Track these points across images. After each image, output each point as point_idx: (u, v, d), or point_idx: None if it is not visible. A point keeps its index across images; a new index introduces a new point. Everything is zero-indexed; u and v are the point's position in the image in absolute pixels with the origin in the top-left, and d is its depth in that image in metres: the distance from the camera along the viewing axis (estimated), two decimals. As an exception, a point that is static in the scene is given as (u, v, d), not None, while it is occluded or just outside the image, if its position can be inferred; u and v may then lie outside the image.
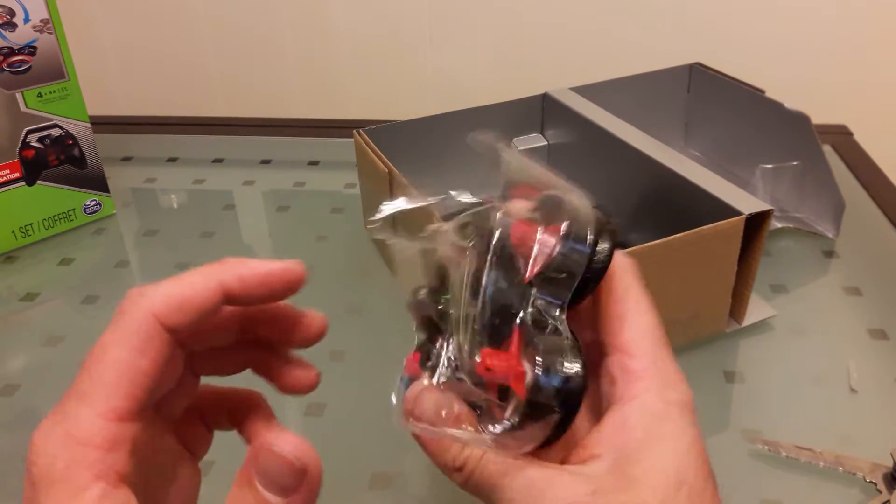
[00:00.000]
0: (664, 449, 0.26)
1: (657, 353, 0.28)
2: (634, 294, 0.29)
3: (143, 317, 0.24)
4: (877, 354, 0.55)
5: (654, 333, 0.29)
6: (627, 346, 0.28)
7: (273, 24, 1.04)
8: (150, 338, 0.24)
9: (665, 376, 0.28)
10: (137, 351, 0.24)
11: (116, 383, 0.23)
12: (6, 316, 0.63)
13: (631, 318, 0.29)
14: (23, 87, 0.66)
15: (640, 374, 0.28)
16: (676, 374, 0.28)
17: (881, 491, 0.44)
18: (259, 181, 0.82)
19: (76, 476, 0.22)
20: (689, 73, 0.77)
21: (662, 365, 0.28)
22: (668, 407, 0.27)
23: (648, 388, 0.27)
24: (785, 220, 0.68)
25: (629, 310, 0.29)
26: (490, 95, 0.70)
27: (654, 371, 0.28)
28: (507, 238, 0.28)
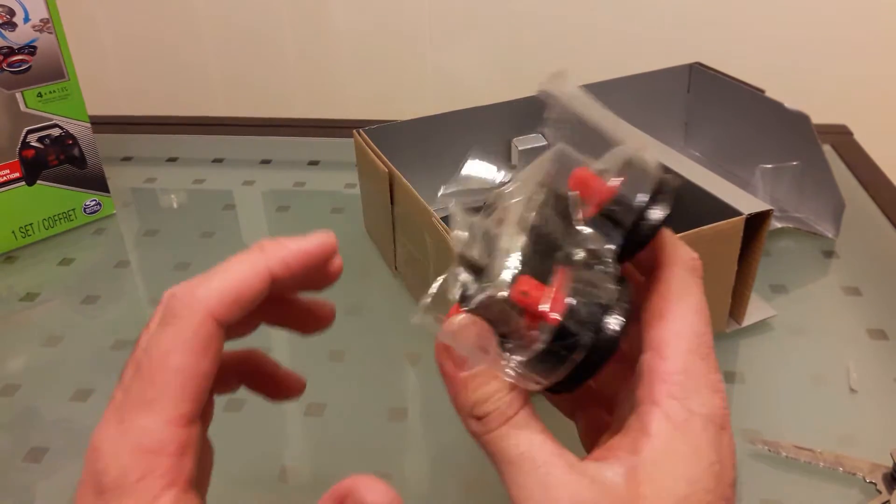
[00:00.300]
0: (678, 472, 0.25)
1: (692, 359, 0.27)
2: (686, 293, 0.28)
3: (202, 319, 0.24)
4: (877, 354, 0.55)
5: (695, 339, 0.27)
6: (661, 346, 0.27)
7: (273, 24, 1.04)
8: (210, 340, 0.24)
9: (694, 385, 0.26)
10: (199, 355, 0.24)
11: (182, 389, 0.23)
12: (6, 316, 0.63)
13: (673, 317, 0.27)
14: (23, 87, 0.66)
15: (666, 377, 0.26)
16: (709, 385, 0.26)
17: (881, 491, 0.44)
18: (259, 181, 0.82)
19: (150, 486, 0.22)
20: (689, 73, 0.77)
21: (695, 372, 0.26)
22: (691, 418, 0.26)
23: (673, 395, 0.26)
24: (785, 220, 0.68)
25: (674, 309, 0.27)
26: (490, 95, 0.70)
27: (682, 377, 0.26)
28: (566, 180, 0.27)
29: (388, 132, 0.65)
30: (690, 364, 0.27)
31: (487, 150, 0.73)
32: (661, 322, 0.27)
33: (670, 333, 0.27)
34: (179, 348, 0.24)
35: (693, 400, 0.26)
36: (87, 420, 0.52)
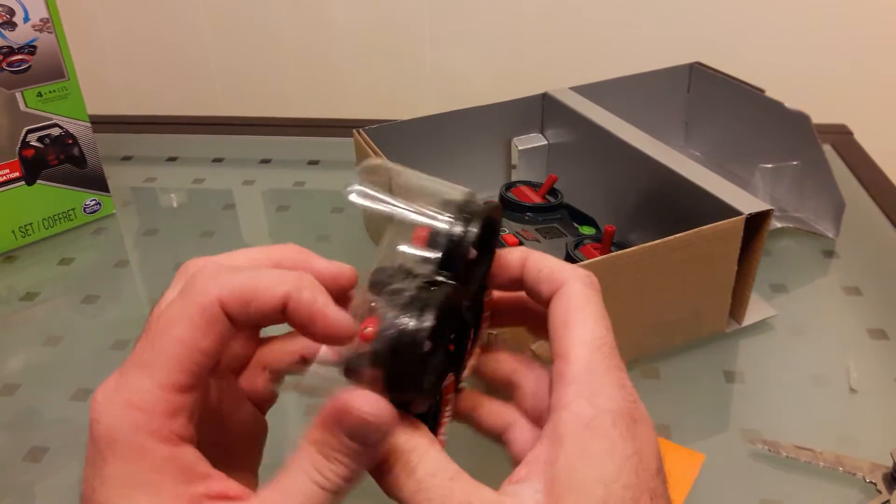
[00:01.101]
0: (595, 475, 0.25)
1: (595, 359, 0.27)
2: (585, 303, 0.29)
3: (210, 302, 0.25)
4: (877, 354, 0.55)
5: (597, 343, 0.28)
6: (566, 352, 0.28)
7: (273, 23, 1.04)
8: (214, 322, 0.25)
9: (600, 382, 0.27)
10: (200, 331, 0.25)
11: (177, 359, 0.24)
12: (6, 316, 0.63)
13: (575, 325, 0.28)
14: (22, 87, 0.66)
15: (571, 379, 0.27)
16: (614, 382, 0.27)
17: (881, 491, 0.44)
18: (259, 181, 0.82)
19: (141, 439, 0.24)
20: (689, 72, 0.77)
21: (599, 371, 0.27)
22: (600, 415, 0.26)
23: (579, 394, 0.27)
24: (785, 220, 0.68)
25: (575, 317, 0.29)
26: (490, 95, 0.70)
27: (587, 377, 0.27)
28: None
29: (388, 132, 0.65)
30: (594, 363, 0.27)
31: (487, 150, 0.73)
32: (564, 331, 0.28)
33: (573, 339, 0.28)
34: (184, 322, 0.25)
35: (600, 397, 0.27)
36: (87, 420, 0.51)
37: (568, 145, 0.71)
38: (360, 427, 0.25)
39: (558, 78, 0.74)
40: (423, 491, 0.26)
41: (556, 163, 0.72)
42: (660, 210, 0.60)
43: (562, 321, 0.29)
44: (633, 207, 0.63)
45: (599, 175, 0.66)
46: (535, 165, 0.73)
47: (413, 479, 0.26)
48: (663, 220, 0.57)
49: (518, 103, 0.71)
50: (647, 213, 0.61)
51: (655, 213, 0.60)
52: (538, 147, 0.72)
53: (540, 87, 0.72)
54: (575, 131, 0.69)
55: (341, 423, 0.25)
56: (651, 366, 0.54)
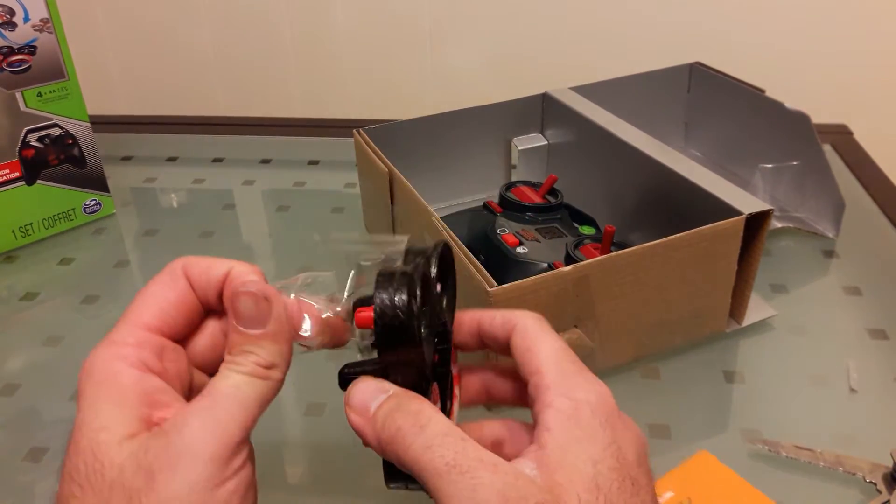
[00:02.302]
0: (582, 454, 0.28)
1: (564, 365, 0.31)
2: (540, 331, 0.32)
3: (175, 266, 0.32)
4: (877, 354, 0.55)
5: (560, 354, 0.31)
6: (538, 368, 0.31)
7: (273, 24, 1.04)
8: (177, 279, 0.31)
9: (573, 381, 0.30)
10: (166, 286, 0.31)
11: (147, 306, 0.31)
12: (6, 316, 0.63)
13: (538, 347, 0.32)
14: (22, 87, 0.66)
15: (549, 384, 0.30)
16: (586, 380, 0.30)
17: (881, 491, 0.44)
18: (259, 181, 0.82)
19: (112, 364, 0.29)
20: (689, 73, 0.77)
21: (569, 373, 0.30)
22: (579, 406, 0.29)
23: (559, 392, 0.29)
24: (785, 220, 0.68)
25: (536, 341, 0.32)
26: (490, 95, 0.70)
27: (561, 379, 0.30)
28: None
29: (388, 132, 0.65)
30: (564, 368, 0.31)
31: (487, 150, 0.73)
32: (529, 354, 0.32)
33: (541, 357, 0.31)
34: (155, 281, 0.32)
35: (577, 392, 0.29)
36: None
37: (568, 145, 0.71)
38: (247, 306, 0.29)
39: (558, 78, 0.74)
40: (436, 447, 0.27)
41: (556, 163, 0.72)
42: (660, 210, 0.60)
43: (525, 347, 0.32)
44: (633, 207, 0.63)
45: (599, 175, 0.66)
46: (535, 165, 0.73)
47: (423, 437, 0.28)
48: (663, 220, 0.57)
49: (518, 103, 0.71)
50: (647, 213, 0.61)
51: (655, 213, 0.60)
52: (538, 147, 0.72)
53: (540, 87, 0.72)
54: (575, 131, 0.69)
55: (234, 313, 0.30)
56: (651, 366, 0.54)
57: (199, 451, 0.27)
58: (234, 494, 0.27)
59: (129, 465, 0.26)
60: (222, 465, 0.27)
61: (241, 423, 0.28)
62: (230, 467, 0.27)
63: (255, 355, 0.29)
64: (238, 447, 0.28)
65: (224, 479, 0.27)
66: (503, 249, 0.57)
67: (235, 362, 0.29)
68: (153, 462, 0.26)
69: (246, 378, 0.29)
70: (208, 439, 0.27)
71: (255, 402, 0.29)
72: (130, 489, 0.26)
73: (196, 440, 0.27)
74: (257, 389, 0.29)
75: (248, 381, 0.29)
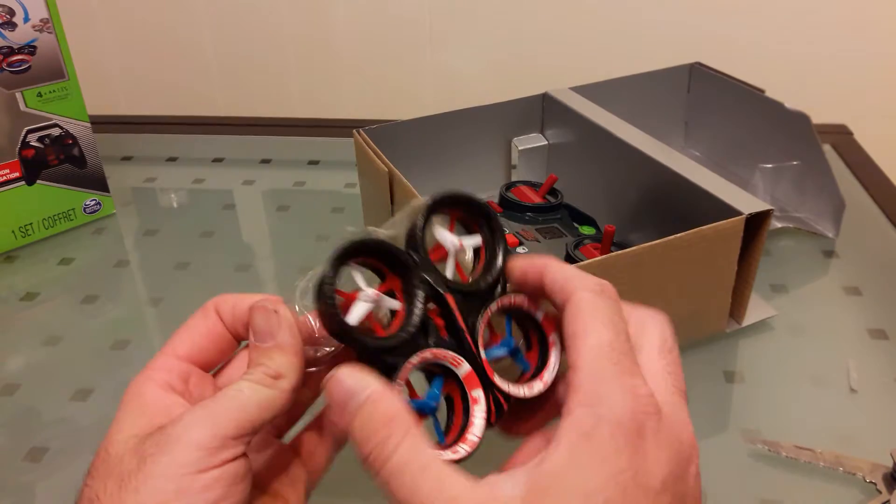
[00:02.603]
0: (576, 486, 0.25)
1: (601, 366, 0.27)
2: (593, 310, 0.29)
3: (208, 304, 0.34)
4: (877, 354, 0.55)
5: (604, 349, 0.28)
6: (574, 361, 0.28)
7: (273, 23, 1.04)
8: (207, 315, 0.34)
9: (605, 389, 0.27)
10: (198, 320, 0.34)
11: (181, 337, 0.33)
12: (6, 316, 0.63)
13: (583, 334, 0.29)
14: (22, 87, 0.66)
15: (577, 386, 0.27)
16: (622, 389, 0.27)
17: (881, 491, 0.44)
18: (259, 181, 0.82)
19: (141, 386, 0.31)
20: (689, 73, 0.77)
21: (604, 377, 0.27)
22: (599, 424, 0.26)
23: (582, 402, 0.27)
24: (785, 220, 0.68)
25: (582, 326, 0.29)
26: (490, 95, 0.70)
27: (591, 385, 0.27)
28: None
29: (388, 132, 0.65)
30: (599, 370, 0.27)
31: (487, 150, 0.73)
32: (573, 341, 0.29)
33: (580, 348, 0.28)
34: (192, 317, 0.34)
35: (602, 405, 0.26)
36: (87, 420, 0.52)
37: (568, 145, 0.71)
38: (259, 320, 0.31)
39: (558, 78, 0.74)
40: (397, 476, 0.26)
41: (556, 163, 0.72)
42: (660, 210, 0.60)
43: (571, 332, 0.29)
44: (633, 207, 0.63)
45: (599, 175, 0.66)
46: (535, 165, 0.73)
47: (386, 467, 0.26)
48: (663, 220, 0.57)
49: (518, 103, 0.71)
50: (647, 213, 0.61)
51: (655, 213, 0.60)
52: (538, 147, 0.72)
53: (540, 87, 0.72)
54: (575, 131, 0.69)
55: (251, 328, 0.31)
56: (651, 366, 0.54)
57: (188, 436, 0.28)
58: (218, 482, 0.27)
59: (128, 454, 0.28)
60: (209, 454, 0.27)
61: (235, 421, 0.28)
62: (218, 457, 0.28)
63: (265, 366, 0.30)
64: (228, 442, 0.28)
65: (210, 466, 0.27)
66: (503, 249, 0.57)
67: (248, 373, 0.30)
68: (147, 449, 0.28)
69: (250, 384, 0.30)
70: (198, 427, 0.28)
71: (255, 405, 0.29)
72: (123, 472, 0.27)
73: (187, 428, 0.28)
74: (259, 394, 0.29)
75: (252, 387, 0.29)
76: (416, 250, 0.32)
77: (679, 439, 0.27)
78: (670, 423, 0.27)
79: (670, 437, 0.27)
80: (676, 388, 0.29)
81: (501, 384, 0.32)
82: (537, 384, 0.32)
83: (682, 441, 0.27)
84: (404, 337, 0.30)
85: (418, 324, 0.31)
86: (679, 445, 0.27)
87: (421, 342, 0.31)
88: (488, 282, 0.33)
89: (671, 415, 0.28)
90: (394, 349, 0.30)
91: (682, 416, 0.29)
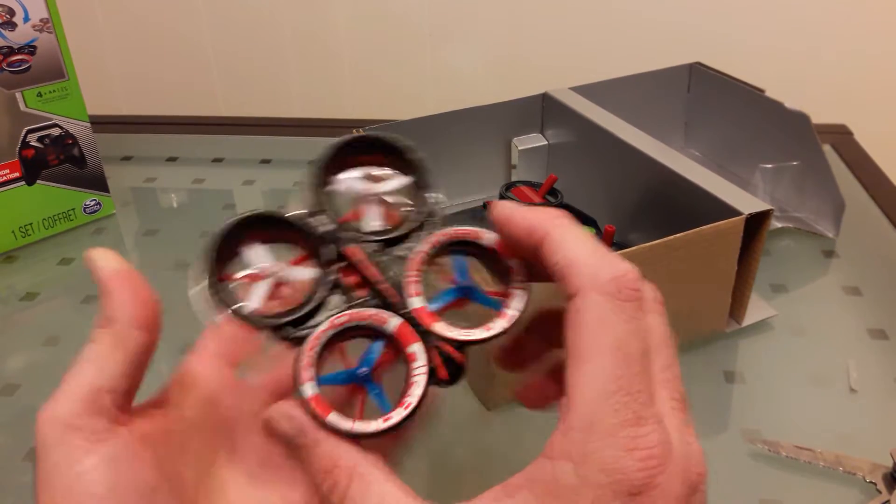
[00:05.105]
0: None
1: (601, 411, 0.22)
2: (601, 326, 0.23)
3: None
4: (877, 354, 0.55)
5: (607, 388, 0.22)
6: (570, 391, 0.23)
7: (273, 23, 1.04)
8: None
9: (599, 444, 0.22)
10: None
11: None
12: (6, 316, 0.63)
13: (586, 357, 0.23)
14: (22, 87, 0.66)
15: (566, 430, 0.22)
16: (621, 444, 0.21)
17: (881, 491, 0.44)
18: (259, 181, 0.82)
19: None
20: (689, 73, 0.77)
21: (602, 427, 0.22)
22: (582, 490, 0.21)
23: (569, 454, 0.22)
24: (785, 220, 0.68)
25: (584, 348, 0.23)
26: (490, 95, 0.70)
27: (584, 433, 0.22)
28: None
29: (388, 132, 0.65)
30: (598, 416, 0.22)
31: (487, 150, 0.73)
32: (572, 360, 0.23)
33: (581, 376, 0.22)
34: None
35: (590, 464, 0.21)
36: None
37: (568, 145, 0.71)
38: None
39: (558, 78, 0.74)
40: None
41: (556, 163, 0.72)
42: (660, 210, 0.60)
43: (572, 346, 0.23)
44: (633, 207, 0.63)
45: (599, 175, 0.66)
46: (535, 165, 0.73)
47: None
48: (663, 220, 0.57)
49: (518, 103, 0.71)
50: (647, 213, 0.61)
51: (655, 213, 0.60)
52: (538, 147, 0.72)
53: (540, 87, 0.72)
54: (575, 131, 0.69)
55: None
56: (651, 366, 0.54)
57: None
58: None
59: None
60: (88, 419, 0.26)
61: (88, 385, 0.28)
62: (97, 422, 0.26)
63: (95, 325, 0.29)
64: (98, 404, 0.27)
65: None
66: (503, 249, 0.57)
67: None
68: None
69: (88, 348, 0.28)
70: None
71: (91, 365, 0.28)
72: None
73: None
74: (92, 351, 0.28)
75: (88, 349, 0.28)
76: (321, 209, 0.29)
77: (686, 478, 0.23)
78: (677, 463, 0.22)
79: (674, 481, 0.22)
80: (674, 401, 0.24)
81: (443, 331, 0.27)
82: (499, 322, 0.27)
83: (688, 478, 0.23)
84: (303, 306, 0.27)
85: (316, 288, 0.28)
86: (684, 486, 0.23)
87: (334, 306, 0.27)
88: (414, 221, 0.29)
89: (678, 448, 0.23)
90: (299, 322, 0.27)
91: (688, 443, 0.24)
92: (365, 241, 0.29)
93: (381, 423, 0.25)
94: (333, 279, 0.28)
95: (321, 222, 0.29)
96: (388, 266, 0.28)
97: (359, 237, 0.29)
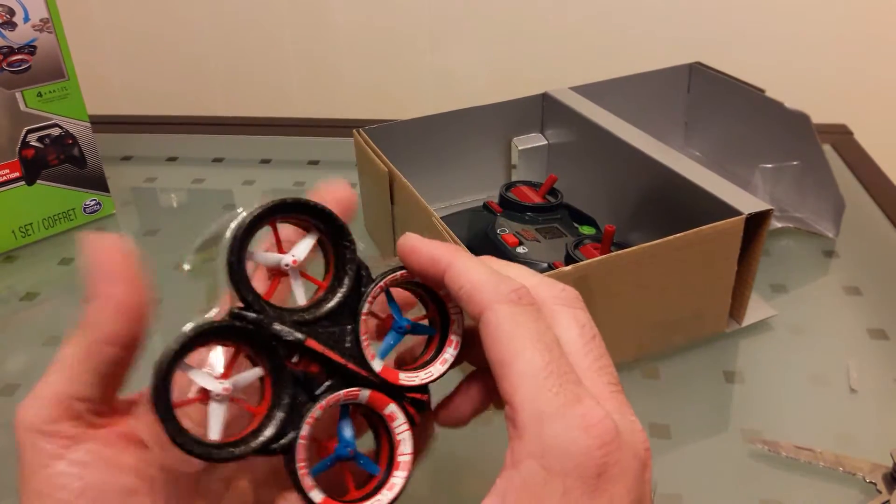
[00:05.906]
0: None
1: (543, 401, 0.23)
2: (515, 327, 0.24)
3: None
4: (877, 354, 0.55)
5: (539, 377, 0.23)
6: (510, 397, 0.24)
7: (273, 23, 1.04)
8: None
9: (552, 431, 0.22)
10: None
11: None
12: (6, 316, 0.63)
13: (510, 361, 0.24)
14: (22, 87, 0.66)
15: (520, 432, 0.23)
16: (571, 426, 0.22)
17: (881, 491, 0.44)
18: (259, 181, 0.82)
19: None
20: (689, 72, 0.77)
21: (549, 416, 0.23)
22: (551, 481, 0.22)
23: (531, 453, 0.23)
24: (785, 220, 0.68)
25: (506, 352, 0.24)
26: (490, 95, 0.70)
27: (535, 427, 0.23)
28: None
29: (388, 132, 0.65)
30: (541, 406, 0.23)
31: (487, 150, 0.73)
32: (502, 370, 0.24)
33: (515, 377, 0.24)
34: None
35: (552, 454, 0.22)
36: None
37: (568, 145, 0.71)
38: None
39: (558, 78, 0.74)
40: None
41: (556, 163, 0.72)
42: (660, 210, 0.60)
43: (496, 359, 0.24)
44: (633, 207, 0.63)
45: (599, 175, 0.66)
46: (535, 165, 0.73)
47: None
48: (663, 220, 0.57)
49: (518, 103, 0.71)
50: (647, 213, 0.61)
51: (655, 213, 0.60)
52: (538, 147, 0.72)
53: (540, 87, 0.72)
54: (575, 131, 0.69)
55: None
56: (651, 366, 0.54)
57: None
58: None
59: None
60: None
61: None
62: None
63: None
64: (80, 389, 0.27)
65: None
66: (503, 249, 0.57)
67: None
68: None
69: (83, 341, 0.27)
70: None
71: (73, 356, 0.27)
72: None
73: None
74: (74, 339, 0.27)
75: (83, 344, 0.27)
76: (246, 301, 0.27)
77: (636, 453, 0.24)
78: (626, 440, 0.23)
79: (628, 457, 0.23)
80: (611, 385, 0.25)
81: (408, 381, 0.28)
82: (448, 350, 0.28)
83: (637, 454, 0.24)
84: (269, 418, 0.26)
85: (282, 394, 0.26)
86: (636, 461, 0.24)
87: (301, 402, 0.26)
88: (347, 285, 0.28)
89: (623, 426, 0.24)
90: (273, 440, 0.25)
91: (631, 421, 0.25)
92: (313, 320, 0.27)
93: (389, 494, 0.27)
94: (283, 380, 0.26)
95: (249, 318, 0.26)
96: (340, 338, 0.27)
97: (304, 318, 0.27)
